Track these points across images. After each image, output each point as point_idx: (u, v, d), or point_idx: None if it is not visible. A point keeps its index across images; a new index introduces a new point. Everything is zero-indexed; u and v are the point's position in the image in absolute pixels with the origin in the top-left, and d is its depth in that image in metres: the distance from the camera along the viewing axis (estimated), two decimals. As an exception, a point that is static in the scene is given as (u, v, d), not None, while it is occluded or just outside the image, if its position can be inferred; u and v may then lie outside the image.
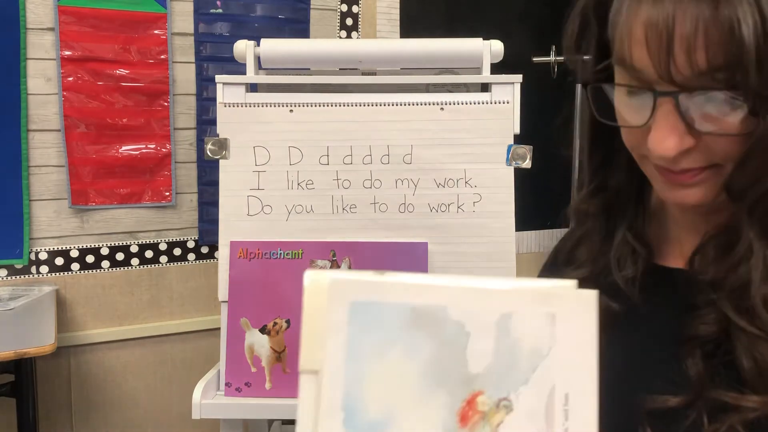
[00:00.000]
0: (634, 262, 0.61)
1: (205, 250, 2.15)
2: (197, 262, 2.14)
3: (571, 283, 0.49)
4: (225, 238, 1.51)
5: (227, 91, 1.54)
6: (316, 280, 0.45)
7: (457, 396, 0.46)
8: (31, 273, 1.94)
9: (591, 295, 0.48)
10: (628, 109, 0.53)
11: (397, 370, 0.46)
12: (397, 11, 2.32)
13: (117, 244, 2.04)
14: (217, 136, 1.53)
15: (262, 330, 1.47)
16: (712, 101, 0.48)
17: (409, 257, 1.50)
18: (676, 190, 0.53)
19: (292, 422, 1.90)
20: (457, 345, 0.47)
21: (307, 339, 0.45)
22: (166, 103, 2.03)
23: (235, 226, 1.52)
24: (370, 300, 0.46)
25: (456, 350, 0.47)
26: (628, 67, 0.51)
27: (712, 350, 0.52)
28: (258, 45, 1.58)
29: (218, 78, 1.55)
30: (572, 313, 0.48)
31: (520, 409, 0.46)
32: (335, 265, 1.50)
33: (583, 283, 0.54)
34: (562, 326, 0.48)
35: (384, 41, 2.06)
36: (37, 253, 1.94)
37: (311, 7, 2.18)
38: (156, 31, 1.99)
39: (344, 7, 2.24)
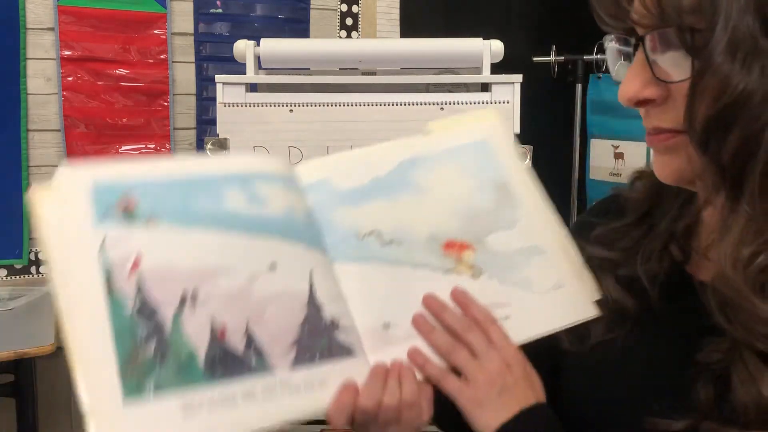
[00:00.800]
0: (660, 258, 0.59)
1: (205, 250, 2.14)
2: (197, 262, 2.14)
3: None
4: (225, 238, 1.51)
5: (227, 90, 1.54)
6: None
7: (462, 233, 0.59)
8: (31, 273, 1.94)
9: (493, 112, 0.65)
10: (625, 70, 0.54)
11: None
12: (397, 11, 2.32)
13: (117, 244, 2.04)
14: (217, 136, 1.53)
15: (262, 330, 1.47)
16: (671, 47, 0.47)
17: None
18: (657, 157, 0.53)
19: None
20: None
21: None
22: (166, 103, 2.02)
23: (235, 226, 1.52)
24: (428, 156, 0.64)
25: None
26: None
27: (724, 378, 0.50)
28: (258, 45, 1.58)
29: (218, 78, 1.55)
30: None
31: (482, 284, 0.58)
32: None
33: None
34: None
35: (384, 41, 2.06)
36: (36, 253, 1.94)
37: (311, 7, 2.18)
38: (156, 31, 1.99)
39: (344, 7, 2.24)
